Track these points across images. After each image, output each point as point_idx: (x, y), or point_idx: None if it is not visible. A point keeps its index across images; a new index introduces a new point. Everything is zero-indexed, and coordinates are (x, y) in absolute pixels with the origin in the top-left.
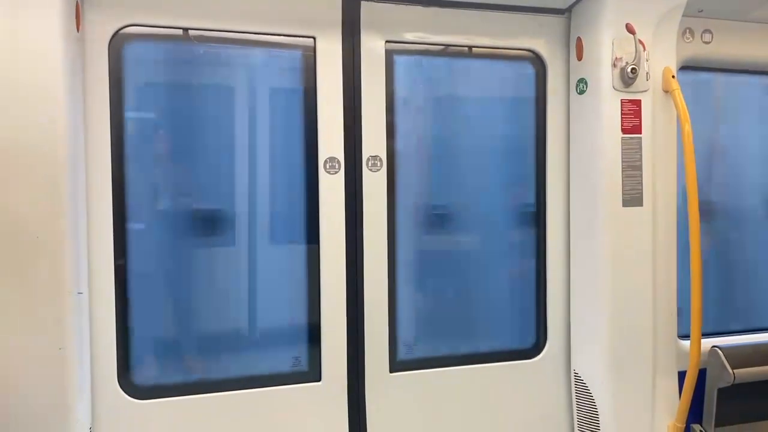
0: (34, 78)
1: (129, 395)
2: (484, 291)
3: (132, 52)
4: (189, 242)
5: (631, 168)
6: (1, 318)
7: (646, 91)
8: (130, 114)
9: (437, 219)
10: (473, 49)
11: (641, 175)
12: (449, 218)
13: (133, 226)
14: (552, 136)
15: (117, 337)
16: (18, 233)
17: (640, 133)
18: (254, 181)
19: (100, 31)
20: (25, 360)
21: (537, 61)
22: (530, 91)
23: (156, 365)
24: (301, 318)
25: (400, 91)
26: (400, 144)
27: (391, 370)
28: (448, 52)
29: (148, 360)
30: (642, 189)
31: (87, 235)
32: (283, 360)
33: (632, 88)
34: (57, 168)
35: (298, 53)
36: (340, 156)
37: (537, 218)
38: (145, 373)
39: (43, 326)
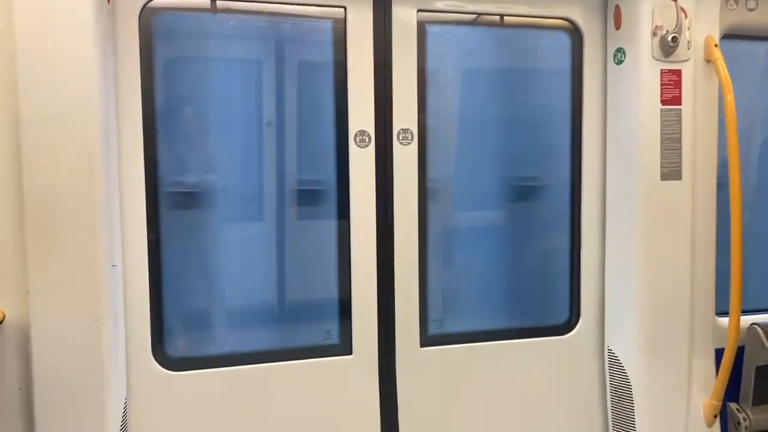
0: (67, 51)
1: (163, 367)
2: (516, 266)
3: (161, 25)
4: (220, 216)
5: (670, 140)
6: (39, 289)
7: (687, 60)
8: (160, 87)
9: (468, 192)
10: (507, 18)
11: (680, 148)
12: (481, 192)
13: (165, 199)
14: (588, 108)
15: (151, 310)
16: (53, 206)
17: (680, 105)
18: (284, 154)
19: (130, 3)
20: (62, 331)
21: (573, 31)
22: (566, 62)
23: (189, 338)
24: (332, 292)
25: (431, 63)
26: (431, 117)
27: (422, 345)
28: (481, 21)
29: (182, 332)
30: (681, 162)
31: (120, 208)
32: (315, 333)
33: (672, 58)
34: (90, 141)
35: (329, 24)
36: (371, 129)
37: (572, 192)
38: (179, 345)
39: (78, 298)
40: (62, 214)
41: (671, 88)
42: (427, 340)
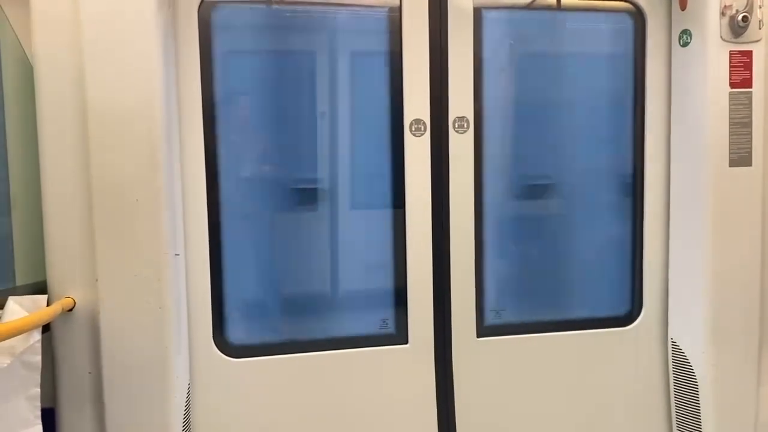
0: (130, 45)
1: (224, 354)
2: (575, 256)
3: (220, 17)
4: (278, 205)
5: (740, 125)
6: (107, 277)
7: (758, 41)
8: (219, 79)
9: (526, 182)
10: (565, 1)
11: (751, 133)
12: (538, 181)
13: (224, 190)
14: (651, 92)
15: (212, 298)
16: (119, 196)
17: (751, 87)
18: (341, 145)
19: None
20: (129, 317)
21: (635, 13)
22: (627, 46)
23: (249, 326)
24: (388, 281)
25: (488, 49)
26: (487, 104)
27: (479, 335)
28: (538, 5)
29: (242, 321)
30: (751, 148)
31: (182, 198)
32: (371, 322)
33: (743, 39)
34: (153, 133)
35: (384, 12)
36: (426, 118)
37: (633, 179)
38: (239, 333)
39: (144, 286)
40: (128, 204)
41: (741, 71)
42: (483, 330)
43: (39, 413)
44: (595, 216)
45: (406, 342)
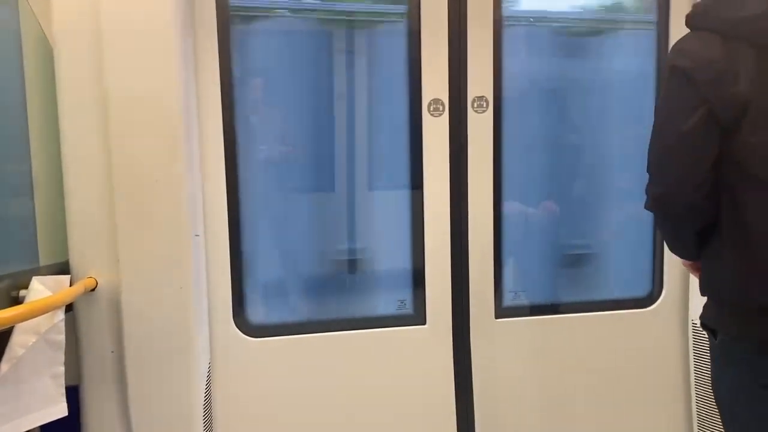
0: (148, 25)
1: (244, 333)
2: (594, 236)
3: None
4: (297, 186)
5: None
6: (128, 258)
7: None
8: (237, 61)
9: (546, 159)
10: None
11: None
12: (559, 158)
13: (243, 171)
14: None
15: (232, 279)
16: (139, 177)
17: None
18: (358, 125)
19: None
20: (150, 297)
21: None
22: (651, 21)
23: (268, 305)
24: (406, 262)
25: (508, 26)
26: (507, 83)
27: (497, 316)
28: None
29: (261, 300)
30: None
31: (202, 178)
32: (389, 303)
33: None
34: (173, 112)
35: None
36: (445, 98)
37: None
38: (258, 312)
39: (164, 266)
40: (147, 185)
41: None
42: (502, 311)
43: (63, 391)
44: (614, 195)
45: (424, 323)
